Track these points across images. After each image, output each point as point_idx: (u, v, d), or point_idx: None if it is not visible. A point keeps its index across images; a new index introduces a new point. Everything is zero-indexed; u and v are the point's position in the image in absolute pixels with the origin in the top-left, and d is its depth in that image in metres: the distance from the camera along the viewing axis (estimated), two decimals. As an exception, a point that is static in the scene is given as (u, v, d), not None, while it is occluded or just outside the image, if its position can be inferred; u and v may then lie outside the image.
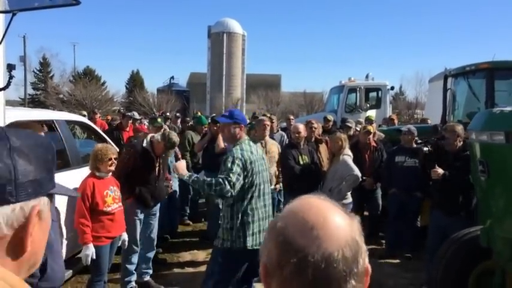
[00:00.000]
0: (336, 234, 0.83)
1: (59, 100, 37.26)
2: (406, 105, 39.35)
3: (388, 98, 15.27)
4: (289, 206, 0.90)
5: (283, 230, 0.84)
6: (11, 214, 0.79)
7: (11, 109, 4.30)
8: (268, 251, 0.86)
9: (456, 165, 4.74)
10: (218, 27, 46.38)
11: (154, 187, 4.69)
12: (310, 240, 0.81)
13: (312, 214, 0.85)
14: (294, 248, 0.81)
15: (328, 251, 0.80)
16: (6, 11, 3.32)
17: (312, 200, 0.90)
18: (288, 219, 0.85)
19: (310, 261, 0.79)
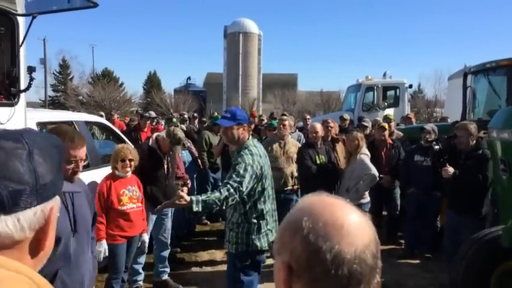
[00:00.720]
0: (363, 231, 0.84)
1: (78, 102, 37.85)
2: (425, 103, 38.80)
3: (407, 96, 15.05)
4: (309, 204, 0.88)
5: (313, 229, 0.83)
6: (33, 217, 0.80)
7: (32, 110, 4.39)
8: (292, 250, 0.84)
9: (468, 164, 4.65)
10: (234, 27, 46.48)
11: (164, 185, 4.71)
12: (342, 237, 0.81)
13: (337, 212, 0.85)
14: (327, 246, 0.80)
15: (360, 248, 0.81)
16: (26, 14, 3.40)
17: (330, 199, 0.90)
18: (315, 216, 0.84)
19: (346, 258, 0.80)
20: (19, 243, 0.79)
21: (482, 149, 4.64)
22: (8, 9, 3.28)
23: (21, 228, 0.78)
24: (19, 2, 3.34)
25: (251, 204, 3.31)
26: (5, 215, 0.76)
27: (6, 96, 3.34)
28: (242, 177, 3.12)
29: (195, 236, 7.09)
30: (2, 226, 0.76)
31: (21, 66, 3.47)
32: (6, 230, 0.76)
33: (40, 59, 40.05)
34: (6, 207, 0.75)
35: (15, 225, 0.77)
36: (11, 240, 0.77)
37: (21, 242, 0.80)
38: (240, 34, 45.89)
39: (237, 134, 3.34)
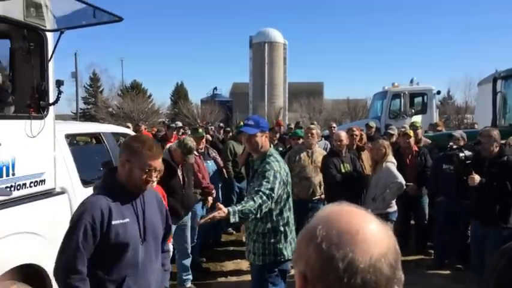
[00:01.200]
0: (380, 239, 0.82)
1: (108, 113, 38.73)
2: (455, 109, 37.95)
3: (435, 103, 14.75)
4: (326, 213, 0.88)
5: (326, 237, 0.82)
6: None
7: (61, 123, 4.51)
8: (307, 259, 0.83)
9: (492, 172, 4.49)
10: (259, 37, 46.80)
11: (181, 195, 4.74)
12: (356, 245, 0.80)
13: (354, 220, 0.84)
14: (340, 254, 0.79)
15: (375, 256, 0.79)
16: (55, 29, 3.52)
17: (349, 207, 0.89)
18: (330, 225, 0.83)
19: (359, 266, 0.78)
20: None
21: (506, 155, 4.49)
22: (38, 25, 3.40)
23: None
24: (48, 18, 3.46)
25: (278, 212, 3.29)
26: None
27: (35, 110, 3.44)
28: (273, 184, 3.14)
29: (220, 245, 7.10)
30: None
31: (50, 80, 3.58)
32: None
33: (72, 72, 41.30)
34: None
35: None
36: None
37: None
38: (265, 44, 46.18)
39: (260, 141, 3.34)
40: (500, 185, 4.40)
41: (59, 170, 3.69)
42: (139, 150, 2.25)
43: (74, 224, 2.17)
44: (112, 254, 2.21)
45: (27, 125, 3.28)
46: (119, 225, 2.20)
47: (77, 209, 2.25)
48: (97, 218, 2.15)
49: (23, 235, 3.24)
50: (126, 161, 2.25)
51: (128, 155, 2.26)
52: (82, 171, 4.12)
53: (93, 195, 2.27)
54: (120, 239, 2.20)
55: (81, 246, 2.11)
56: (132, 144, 2.30)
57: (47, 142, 3.53)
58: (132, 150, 2.26)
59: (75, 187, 3.92)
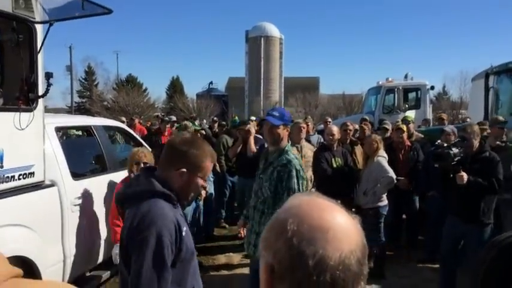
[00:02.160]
0: (350, 235, 0.82)
1: (103, 107, 38.61)
2: (450, 105, 38.11)
3: (428, 98, 14.81)
4: (297, 205, 0.86)
5: (298, 232, 0.80)
6: None
7: (51, 116, 4.50)
8: (275, 252, 0.82)
9: (475, 168, 4.40)
10: (255, 31, 46.65)
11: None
12: (327, 241, 0.79)
13: (325, 215, 0.82)
14: (311, 251, 0.78)
15: (345, 253, 0.79)
16: (44, 21, 3.50)
17: (319, 200, 0.88)
18: (301, 219, 0.82)
19: (330, 264, 0.77)
20: None
21: (487, 151, 4.47)
22: (26, 17, 3.38)
23: None
24: (37, 10, 3.44)
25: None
26: None
27: (24, 102, 3.43)
28: (298, 184, 3.24)
29: (213, 239, 7.12)
30: None
31: (39, 73, 3.57)
32: None
33: (66, 66, 41.18)
34: None
35: None
36: None
37: None
38: (261, 38, 46.03)
39: (281, 134, 3.35)
40: (484, 182, 4.32)
41: (48, 162, 3.68)
42: (204, 162, 2.02)
43: (154, 245, 1.81)
44: (184, 267, 1.99)
45: (16, 117, 3.28)
46: (186, 235, 1.96)
47: (146, 224, 1.84)
48: (172, 232, 1.87)
49: (12, 227, 3.24)
50: (185, 172, 1.98)
51: (189, 166, 1.98)
52: (72, 164, 4.12)
53: (155, 206, 1.90)
54: (189, 249, 1.99)
55: (168, 268, 1.84)
56: (193, 153, 2.00)
57: (36, 134, 3.52)
58: (194, 161, 2.00)
59: (65, 180, 3.92)
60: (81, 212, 4.06)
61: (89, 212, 4.22)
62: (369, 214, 5.37)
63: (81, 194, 4.10)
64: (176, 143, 2.05)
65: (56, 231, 3.81)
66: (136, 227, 1.85)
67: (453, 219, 4.65)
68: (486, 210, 4.43)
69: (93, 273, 4.42)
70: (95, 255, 4.36)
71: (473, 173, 4.36)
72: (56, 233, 3.80)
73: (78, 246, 4.01)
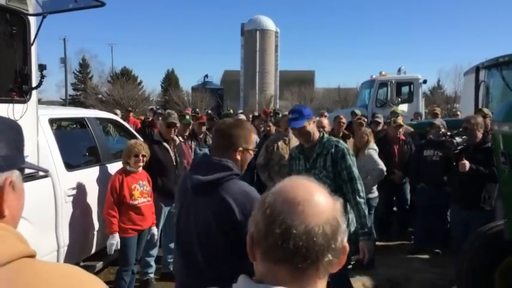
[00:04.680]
0: (319, 211, 0.91)
1: (98, 100, 38.45)
2: (444, 99, 38.25)
3: (421, 92, 14.92)
4: (280, 184, 0.97)
5: (272, 204, 0.92)
6: None
7: (44, 107, 4.54)
8: (256, 223, 0.94)
9: (477, 158, 4.64)
10: (251, 24, 46.53)
11: (175, 176, 4.80)
12: (295, 214, 0.89)
13: (300, 191, 0.93)
14: (279, 220, 0.89)
15: (310, 226, 0.88)
16: (37, 14, 3.53)
17: (301, 180, 0.98)
18: (277, 195, 0.93)
19: (293, 232, 0.88)
20: None
21: (490, 142, 4.63)
22: (19, 9, 3.41)
23: None
24: (30, 2, 3.47)
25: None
26: None
27: (18, 94, 3.46)
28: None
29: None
30: None
31: (32, 65, 3.60)
32: None
33: (60, 58, 40.92)
34: None
35: None
36: None
37: None
38: (257, 31, 45.94)
39: (310, 129, 3.32)
40: (484, 171, 4.57)
41: (42, 153, 3.72)
42: (251, 137, 2.29)
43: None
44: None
45: (9, 108, 3.31)
46: None
47: (255, 197, 2.07)
48: None
49: (6, 217, 3.29)
50: (243, 150, 2.24)
51: (244, 143, 2.24)
52: (66, 156, 4.16)
53: (243, 184, 2.17)
54: None
55: None
56: (242, 133, 2.25)
57: (30, 126, 3.55)
58: (245, 139, 2.25)
59: (58, 171, 3.97)
60: (75, 202, 4.12)
61: (83, 202, 4.27)
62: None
63: (75, 185, 4.15)
64: (225, 128, 2.29)
65: (50, 222, 3.86)
66: (244, 204, 2.04)
67: (455, 206, 4.89)
68: (487, 198, 4.66)
69: (86, 263, 4.48)
70: (88, 245, 4.41)
71: (475, 162, 4.58)
72: (49, 223, 3.85)
73: (72, 236, 4.07)
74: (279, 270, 0.90)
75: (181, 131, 5.60)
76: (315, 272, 0.90)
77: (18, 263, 0.86)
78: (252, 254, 0.96)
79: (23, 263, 0.86)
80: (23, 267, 0.86)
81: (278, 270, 0.90)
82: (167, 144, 4.85)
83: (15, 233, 0.92)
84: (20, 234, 0.93)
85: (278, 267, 0.90)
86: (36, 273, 0.86)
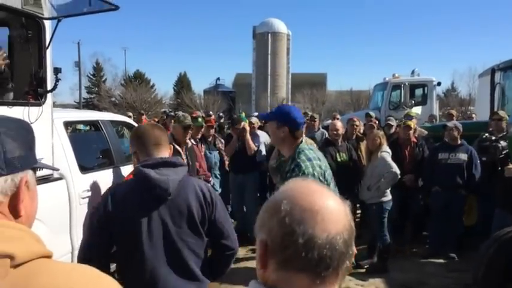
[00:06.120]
0: (337, 218, 0.90)
1: (111, 103, 38.78)
2: (459, 101, 37.80)
3: (435, 94, 14.77)
4: (290, 188, 0.95)
5: (289, 212, 0.89)
6: (4, 184, 0.94)
7: (59, 110, 4.58)
8: (269, 229, 0.90)
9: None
10: (263, 27, 46.58)
11: None
12: (316, 223, 0.87)
13: (316, 198, 0.91)
14: (301, 230, 0.86)
15: (332, 234, 0.87)
16: (52, 17, 3.57)
17: (312, 185, 0.96)
18: (293, 200, 0.90)
19: (317, 242, 0.86)
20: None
21: None
22: (35, 13, 3.45)
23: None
24: (45, 6, 3.51)
25: None
26: None
27: (33, 97, 3.50)
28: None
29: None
30: None
31: (47, 68, 3.64)
32: None
33: (75, 61, 41.37)
34: None
35: None
36: None
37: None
38: (268, 34, 45.96)
39: (274, 133, 2.79)
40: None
41: (56, 156, 3.76)
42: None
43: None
44: None
45: (25, 111, 3.35)
46: None
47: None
48: None
49: (21, 219, 3.32)
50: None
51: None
52: (80, 158, 4.19)
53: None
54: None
55: None
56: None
57: (45, 129, 3.60)
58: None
59: (73, 173, 4.00)
60: (89, 204, 4.14)
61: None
62: (372, 209, 5.42)
63: (89, 187, 4.17)
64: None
65: (64, 224, 3.89)
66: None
67: (501, 212, 4.73)
68: None
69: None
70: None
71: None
72: (64, 225, 3.88)
73: (86, 238, 4.09)
74: (299, 279, 0.88)
75: (193, 134, 5.61)
76: (335, 279, 0.89)
77: (35, 263, 0.87)
78: (264, 262, 0.91)
79: (40, 263, 0.87)
80: (40, 267, 0.87)
81: (298, 279, 0.88)
82: (179, 147, 4.86)
83: (32, 233, 0.93)
84: (36, 234, 0.94)
85: (299, 276, 0.87)
86: (53, 273, 0.87)
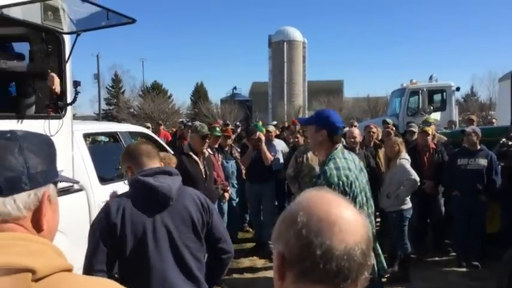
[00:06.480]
0: (355, 228, 0.88)
1: (129, 114, 39.30)
2: (479, 106, 37.19)
3: (454, 100, 14.55)
4: (306, 199, 0.93)
5: (306, 223, 0.88)
6: (28, 199, 0.96)
7: (78, 122, 4.66)
8: (286, 241, 0.89)
9: None
10: (278, 36, 46.76)
11: (204, 189, 4.82)
12: (333, 234, 0.86)
13: (333, 209, 0.89)
14: (318, 241, 0.85)
15: (350, 245, 0.86)
16: (71, 32, 3.65)
17: (328, 195, 0.95)
18: (310, 211, 0.89)
19: (335, 254, 0.84)
20: (19, 220, 0.96)
21: None
22: (55, 28, 3.54)
23: (17, 207, 0.95)
24: (64, 21, 3.59)
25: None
26: (3, 197, 0.93)
27: (54, 110, 3.58)
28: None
29: (237, 242, 7.17)
30: (1, 205, 0.93)
31: (67, 81, 3.72)
32: (4, 209, 0.93)
33: (94, 74, 42.09)
34: (3, 190, 0.93)
35: (11, 205, 0.94)
36: (10, 217, 0.94)
37: (21, 219, 0.96)
38: (284, 42, 46.11)
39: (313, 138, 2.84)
40: None
41: (76, 167, 3.82)
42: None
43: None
44: None
45: (46, 124, 3.42)
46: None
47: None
48: None
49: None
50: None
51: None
52: (99, 169, 4.25)
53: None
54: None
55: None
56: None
57: (65, 141, 3.66)
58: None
59: (92, 184, 4.05)
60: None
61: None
62: (392, 217, 5.34)
63: (109, 198, 4.21)
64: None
65: (84, 235, 3.90)
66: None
67: None
68: None
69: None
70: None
71: None
72: (84, 237, 3.88)
73: (106, 249, 4.12)
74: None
75: (211, 143, 5.64)
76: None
77: (56, 277, 0.88)
78: (281, 274, 0.90)
79: (61, 277, 0.89)
80: (60, 281, 0.88)
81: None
82: (196, 156, 4.89)
83: (53, 247, 0.95)
84: (57, 248, 0.96)
85: (317, 287, 0.86)
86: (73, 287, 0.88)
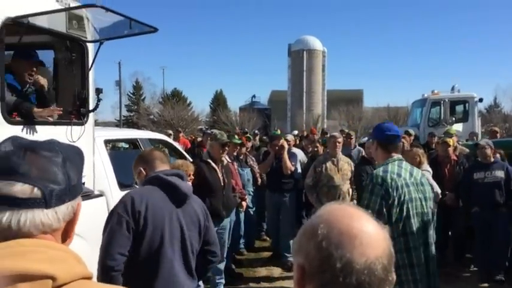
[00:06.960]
0: (377, 243, 0.87)
1: (149, 121, 39.79)
2: (502, 118, 36.50)
3: (477, 111, 14.29)
4: (327, 212, 0.93)
5: (326, 235, 0.87)
6: (66, 211, 1.00)
7: (100, 129, 4.73)
8: (307, 253, 0.89)
9: None
10: (298, 45, 46.77)
11: (222, 196, 4.84)
12: (354, 247, 0.85)
13: (354, 222, 0.88)
14: (338, 254, 0.84)
15: (371, 259, 0.84)
16: (95, 40, 3.72)
17: (349, 207, 0.94)
18: (331, 224, 0.88)
19: (355, 267, 0.83)
20: (55, 231, 0.99)
21: None
22: (79, 36, 3.60)
23: (57, 219, 0.98)
24: (88, 30, 3.66)
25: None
26: (47, 209, 0.96)
27: (76, 116, 3.64)
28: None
29: (254, 251, 7.15)
30: (45, 218, 0.96)
31: (90, 88, 3.79)
32: (48, 220, 0.96)
33: (116, 81, 42.85)
34: (48, 203, 0.95)
35: (54, 217, 0.97)
36: (50, 229, 0.98)
37: (57, 231, 0.99)
38: (304, 51, 46.07)
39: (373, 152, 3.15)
40: None
41: (97, 173, 3.87)
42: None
43: None
44: None
45: (68, 130, 3.48)
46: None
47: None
48: None
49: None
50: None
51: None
52: (119, 175, 4.30)
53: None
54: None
55: None
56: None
57: (87, 147, 3.71)
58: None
59: (112, 190, 4.10)
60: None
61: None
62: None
63: (128, 204, 4.26)
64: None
65: (104, 240, 3.97)
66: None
67: None
68: None
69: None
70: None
71: None
72: (103, 242, 3.96)
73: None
74: None
75: (229, 151, 5.66)
76: None
77: (75, 285, 0.89)
78: (301, 287, 0.90)
79: (81, 284, 0.90)
80: None
81: None
82: (215, 164, 4.91)
83: (73, 254, 0.97)
84: (77, 255, 0.98)
85: None
86: None
